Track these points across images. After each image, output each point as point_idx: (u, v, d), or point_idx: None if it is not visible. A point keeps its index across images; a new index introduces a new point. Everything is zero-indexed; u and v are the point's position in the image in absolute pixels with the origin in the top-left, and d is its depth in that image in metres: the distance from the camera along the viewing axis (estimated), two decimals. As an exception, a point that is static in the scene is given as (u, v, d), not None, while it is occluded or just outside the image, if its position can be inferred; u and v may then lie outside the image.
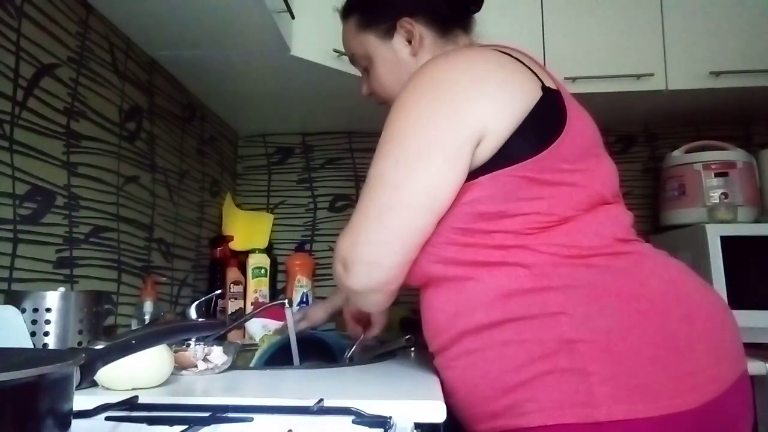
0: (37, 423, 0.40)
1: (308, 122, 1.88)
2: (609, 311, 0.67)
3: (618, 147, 1.88)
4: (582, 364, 0.64)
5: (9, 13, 0.88)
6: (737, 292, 1.32)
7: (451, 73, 0.75)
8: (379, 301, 0.80)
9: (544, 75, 0.78)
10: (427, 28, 0.92)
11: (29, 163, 0.92)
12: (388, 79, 0.94)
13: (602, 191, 0.75)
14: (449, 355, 0.76)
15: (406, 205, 0.71)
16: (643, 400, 0.63)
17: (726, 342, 0.71)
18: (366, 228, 0.73)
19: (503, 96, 0.73)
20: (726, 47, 1.49)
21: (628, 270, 0.71)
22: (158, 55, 1.34)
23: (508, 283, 0.70)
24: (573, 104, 0.78)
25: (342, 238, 0.75)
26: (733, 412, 0.68)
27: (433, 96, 0.74)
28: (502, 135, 0.71)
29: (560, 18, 1.54)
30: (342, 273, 0.75)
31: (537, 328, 0.68)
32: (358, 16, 0.96)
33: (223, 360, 0.90)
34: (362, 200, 0.74)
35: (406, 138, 0.72)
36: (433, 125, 0.72)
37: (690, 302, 0.70)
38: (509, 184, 0.71)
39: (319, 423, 0.59)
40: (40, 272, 0.94)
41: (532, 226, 0.71)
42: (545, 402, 0.65)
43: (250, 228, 1.82)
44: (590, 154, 0.76)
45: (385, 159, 0.73)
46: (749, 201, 1.51)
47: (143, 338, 0.55)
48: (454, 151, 0.71)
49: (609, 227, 0.74)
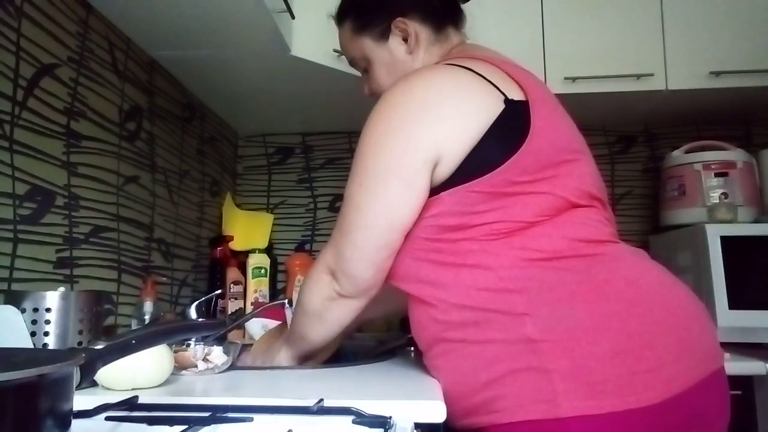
0: (37, 423, 0.40)
1: (308, 122, 1.88)
2: (570, 311, 0.69)
3: (618, 147, 1.88)
4: (545, 362, 0.67)
5: (9, 13, 0.88)
6: (737, 292, 1.32)
7: (406, 98, 0.79)
8: (358, 307, 0.85)
9: (508, 86, 0.79)
10: (422, 25, 0.93)
11: (29, 163, 0.92)
12: (388, 79, 0.95)
13: (568, 197, 0.77)
14: (430, 356, 0.80)
15: (367, 226, 0.78)
16: (603, 396, 0.65)
17: (695, 340, 0.72)
18: (341, 244, 0.81)
19: (457, 117, 0.77)
20: (726, 47, 1.49)
21: (591, 271, 0.73)
22: (158, 55, 1.34)
23: (474, 284, 0.74)
24: (543, 112, 0.79)
25: (325, 251, 0.84)
26: (703, 409, 0.69)
27: (390, 121, 0.79)
28: (458, 155, 0.75)
29: (560, 18, 1.54)
30: (330, 280, 0.83)
31: (503, 328, 0.71)
32: (352, 20, 0.97)
33: (223, 360, 0.90)
34: (339, 217, 0.83)
35: (367, 162, 0.79)
36: (390, 151, 0.77)
37: (655, 301, 0.72)
38: (469, 198, 0.75)
39: (319, 423, 0.59)
40: (40, 272, 0.94)
41: (494, 232, 0.75)
42: (513, 399, 0.68)
43: (250, 228, 1.82)
44: (558, 162, 0.77)
45: (352, 181, 0.81)
46: (749, 201, 1.51)
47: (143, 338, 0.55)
48: (410, 175, 0.76)
49: (574, 230, 0.75)
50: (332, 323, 0.87)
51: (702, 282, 1.36)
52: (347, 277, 0.81)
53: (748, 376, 1.16)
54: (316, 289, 0.85)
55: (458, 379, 0.74)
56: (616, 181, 1.86)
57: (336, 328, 0.88)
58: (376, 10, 0.95)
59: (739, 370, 1.13)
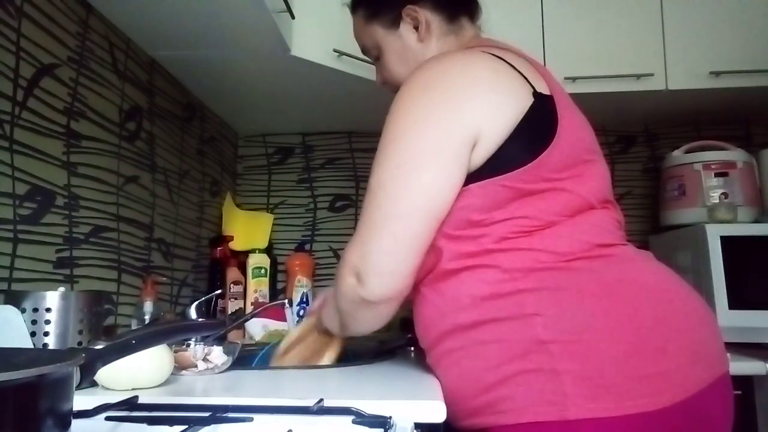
0: (37, 423, 0.40)
1: (308, 122, 1.88)
2: (581, 313, 0.69)
3: (618, 147, 1.88)
4: (554, 364, 0.66)
5: (9, 13, 0.88)
6: (737, 292, 1.32)
7: (445, 76, 0.76)
8: (389, 312, 0.79)
9: (537, 80, 0.78)
10: (433, 13, 0.93)
11: (29, 163, 0.92)
12: (399, 67, 0.95)
13: (588, 198, 0.76)
14: (434, 354, 0.79)
15: (408, 213, 0.72)
16: (613, 399, 0.64)
17: (703, 344, 0.71)
18: (374, 237, 0.73)
19: (497, 100, 0.74)
20: (726, 47, 1.49)
21: (603, 272, 0.72)
22: (158, 55, 1.34)
23: (485, 284, 0.73)
24: (567, 110, 0.78)
25: (351, 249, 0.76)
26: (710, 414, 0.69)
27: (428, 99, 0.74)
28: (496, 140, 0.73)
29: (560, 18, 1.54)
30: (355, 284, 0.75)
31: (513, 328, 0.70)
32: (364, 8, 0.98)
33: (223, 360, 0.90)
34: (366, 208, 0.75)
35: (403, 144, 0.73)
36: (429, 130, 0.73)
37: (665, 304, 0.71)
38: (498, 193, 0.73)
39: (319, 423, 0.59)
40: (40, 272, 0.94)
41: (516, 230, 0.73)
42: (520, 400, 0.67)
43: (250, 228, 1.82)
44: (581, 161, 0.77)
45: (384, 166, 0.74)
46: (749, 201, 1.51)
47: (143, 338, 0.55)
48: (451, 156, 0.72)
49: (589, 233, 0.75)
50: (367, 322, 0.81)
51: (702, 282, 1.36)
52: (380, 275, 0.73)
53: (749, 376, 1.16)
54: (342, 291, 0.78)
55: (464, 378, 0.73)
56: (616, 181, 1.86)
57: (371, 326, 0.82)
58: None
59: (739, 370, 1.13)
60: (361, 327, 0.84)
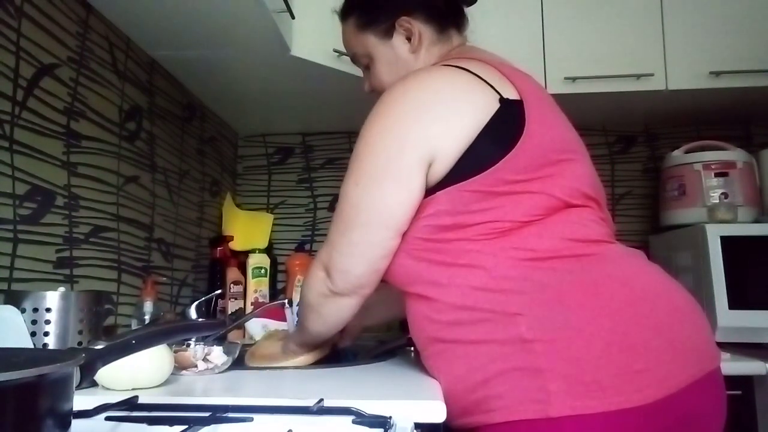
0: (37, 423, 0.40)
1: (308, 122, 1.88)
2: (563, 311, 0.70)
3: (618, 147, 1.88)
4: (538, 362, 0.68)
5: (9, 13, 0.88)
6: (737, 292, 1.32)
7: (402, 99, 0.80)
8: (350, 308, 0.85)
9: (504, 86, 0.79)
10: (426, 25, 0.94)
11: (29, 163, 0.92)
12: (389, 77, 0.95)
13: (563, 197, 0.77)
14: (427, 355, 0.81)
15: (362, 224, 0.79)
16: (595, 396, 0.65)
17: (689, 340, 0.71)
18: (336, 241, 0.82)
19: (452, 117, 0.77)
20: (726, 47, 1.49)
21: (584, 271, 0.73)
22: (158, 55, 1.34)
23: (468, 284, 0.74)
24: (537, 113, 0.79)
25: (322, 249, 0.85)
26: (698, 410, 0.69)
27: (386, 122, 0.80)
28: (453, 154, 0.76)
29: (560, 18, 1.54)
30: (324, 278, 0.83)
31: (497, 328, 0.71)
32: (357, 16, 0.98)
33: (223, 360, 0.90)
34: (334, 215, 0.83)
35: (363, 162, 0.80)
36: (385, 151, 0.78)
37: (648, 302, 0.72)
38: (463, 197, 0.75)
39: (319, 423, 0.59)
40: (40, 272, 0.94)
41: (489, 232, 0.75)
42: (507, 399, 0.69)
43: (250, 228, 1.82)
44: (553, 161, 0.78)
45: (348, 179, 0.82)
46: (749, 201, 1.51)
47: (143, 338, 0.55)
48: (405, 174, 0.77)
49: (569, 230, 0.76)
50: (327, 318, 0.88)
51: (702, 282, 1.36)
52: (340, 272, 0.81)
53: (748, 376, 1.16)
54: (311, 284, 0.86)
55: (454, 378, 0.75)
56: (616, 181, 1.86)
57: (332, 323, 0.89)
58: (381, 7, 0.95)
59: (739, 370, 1.13)
60: (321, 324, 0.89)
